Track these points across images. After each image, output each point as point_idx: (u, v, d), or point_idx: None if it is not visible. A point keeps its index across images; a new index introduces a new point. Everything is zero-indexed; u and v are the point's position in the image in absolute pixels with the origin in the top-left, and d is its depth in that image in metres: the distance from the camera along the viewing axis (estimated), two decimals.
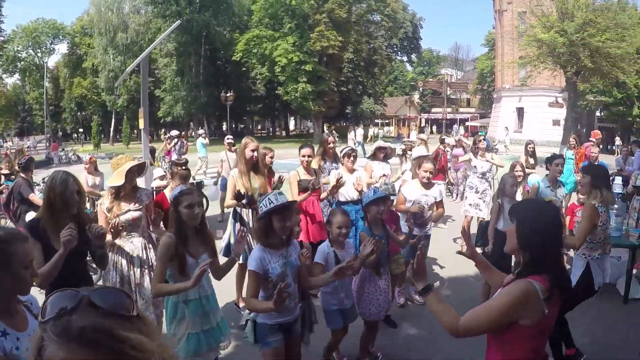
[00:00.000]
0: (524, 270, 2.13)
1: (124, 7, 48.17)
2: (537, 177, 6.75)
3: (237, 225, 5.18)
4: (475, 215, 7.74)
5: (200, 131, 19.09)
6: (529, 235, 2.14)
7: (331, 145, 6.74)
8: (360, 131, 32.37)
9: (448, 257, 7.07)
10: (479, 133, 20.82)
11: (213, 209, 9.87)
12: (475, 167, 7.89)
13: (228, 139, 10.76)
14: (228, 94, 33.22)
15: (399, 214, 5.49)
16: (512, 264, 3.97)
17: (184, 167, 5.87)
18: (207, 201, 9.63)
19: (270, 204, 3.08)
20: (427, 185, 5.41)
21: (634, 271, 6.00)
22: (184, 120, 46.40)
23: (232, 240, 5.26)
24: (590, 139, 10.23)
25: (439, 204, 5.54)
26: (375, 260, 3.87)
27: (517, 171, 6.50)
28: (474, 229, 6.96)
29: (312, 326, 3.79)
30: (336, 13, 38.39)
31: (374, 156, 7.03)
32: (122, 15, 47.10)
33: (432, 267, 7.01)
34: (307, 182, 5.64)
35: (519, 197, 5.80)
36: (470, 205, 7.77)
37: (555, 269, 2.11)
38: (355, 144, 27.55)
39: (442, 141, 11.75)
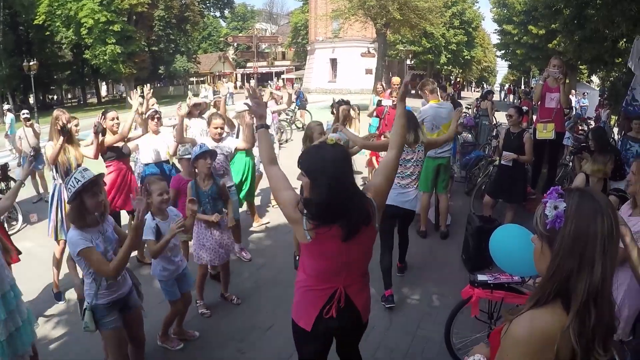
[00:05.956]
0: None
1: None
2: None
3: (55, 203, 5.03)
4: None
5: (6, 106, 16.68)
6: (307, 168, 2.36)
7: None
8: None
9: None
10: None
11: (24, 191, 9.19)
12: None
13: (24, 114, 9.90)
14: (31, 63, 29.99)
15: None
16: None
17: None
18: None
19: (78, 183, 2.90)
20: (219, 140, 5.58)
21: None
22: None
23: (59, 221, 5.02)
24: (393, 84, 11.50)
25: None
26: (191, 225, 4.00)
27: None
28: None
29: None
30: None
31: (189, 114, 6.90)
32: None
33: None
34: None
35: None
36: None
37: (326, 202, 2.27)
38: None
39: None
